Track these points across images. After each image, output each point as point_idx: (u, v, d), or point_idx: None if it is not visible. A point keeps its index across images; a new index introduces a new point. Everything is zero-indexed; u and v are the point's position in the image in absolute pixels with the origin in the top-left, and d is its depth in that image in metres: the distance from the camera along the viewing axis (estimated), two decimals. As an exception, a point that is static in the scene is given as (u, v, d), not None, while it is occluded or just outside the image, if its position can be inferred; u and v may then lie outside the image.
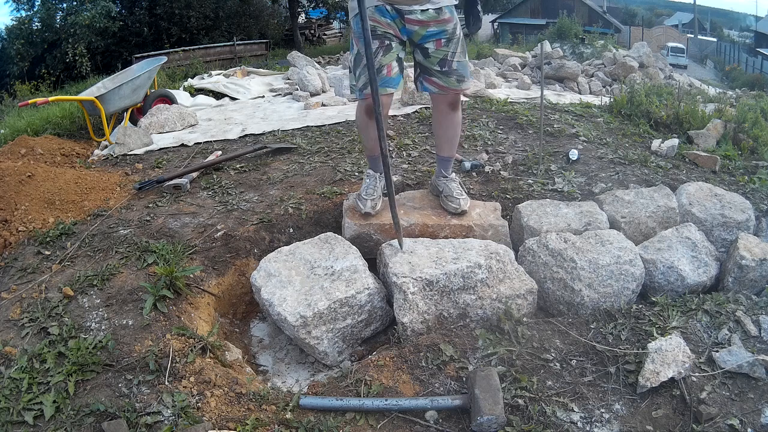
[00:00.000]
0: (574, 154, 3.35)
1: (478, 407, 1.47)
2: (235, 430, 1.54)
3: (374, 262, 2.33)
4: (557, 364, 1.73)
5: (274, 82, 7.75)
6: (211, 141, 4.44)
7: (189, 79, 8.19)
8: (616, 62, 9.72)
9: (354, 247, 2.29)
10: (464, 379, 1.68)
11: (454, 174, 2.64)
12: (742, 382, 1.62)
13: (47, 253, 2.53)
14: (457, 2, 2.32)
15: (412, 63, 2.45)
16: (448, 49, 2.28)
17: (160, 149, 4.32)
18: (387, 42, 2.22)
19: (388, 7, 2.19)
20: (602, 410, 1.56)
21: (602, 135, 4.00)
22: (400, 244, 2.18)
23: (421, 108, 4.98)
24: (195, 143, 4.40)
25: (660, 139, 3.79)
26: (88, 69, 13.44)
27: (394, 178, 3.17)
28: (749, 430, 1.47)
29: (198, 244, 2.53)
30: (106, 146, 4.53)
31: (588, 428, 1.51)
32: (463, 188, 2.60)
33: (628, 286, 2.12)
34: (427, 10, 2.19)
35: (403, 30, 2.26)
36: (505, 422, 1.49)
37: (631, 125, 4.39)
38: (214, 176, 3.44)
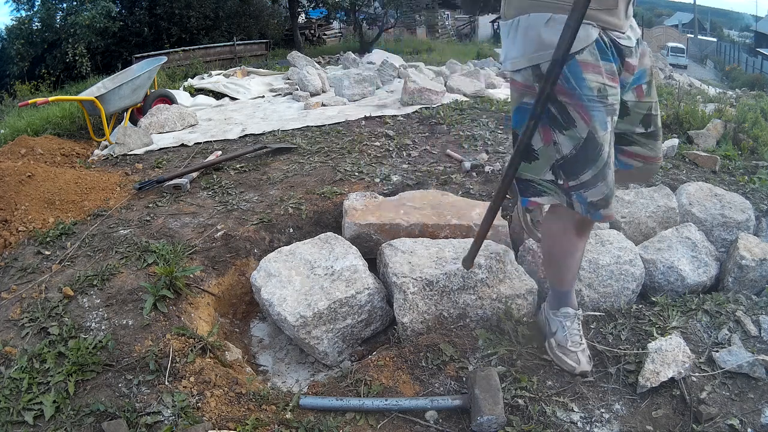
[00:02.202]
0: (574, 154, 3.34)
1: (478, 407, 1.47)
2: (235, 430, 1.54)
3: (374, 262, 2.33)
4: (557, 364, 1.73)
5: (274, 82, 7.75)
6: (211, 141, 4.44)
7: (189, 79, 8.20)
8: (616, 62, 9.70)
9: (354, 247, 2.29)
10: (464, 379, 1.68)
11: None
12: (742, 382, 1.62)
13: (47, 253, 2.53)
14: None
15: None
16: (651, 99, 1.53)
17: (160, 149, 4.32)
18: (613, 117, 1.41)
19: (605, 39, 1.36)
20: (602, 410, 1.56)
21: (602, 135, 3.99)
22: (469, 263, 1.82)
23: (421, 108, 4.98)
24: (195, 143, 4.40)
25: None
26: (88, 69, 13.42)
27: (394, 178, 3.18)
28: (749, 430, 1.46)
29: (198, 244, 2.53)
30: (106, 146, 4.53)
31: (588, 428, 1.51)
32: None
33: (628, 286, 2.12)
34: (635, 44, 1.45)
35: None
36: (505, 422, 1.49)
37: (631, 125, 4.39)
38: (214, 176, 3.44)
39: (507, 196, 2.80)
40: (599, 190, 1.41)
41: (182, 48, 12.23)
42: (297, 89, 6.66)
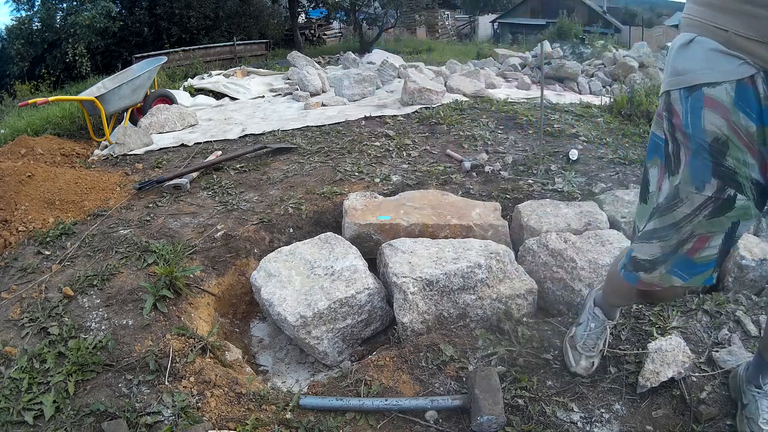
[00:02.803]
0: (574, 154, 3.35)
1: (478, 407, 1.47)
2: (235, 430, 1.54)
3: (374, 262, 2.33)
4: (557, 363, 1.73)
5: (274, 82, 7.75)
6: (211, 141, 4.44)
7: (189, 79, 8.20)
8: (616, 62, 9.73)
9: (354, 247, 2.29)
10: (464, 379, 1.68)
11: None
12: (742, 382, 1.62)
13: (47, 253, 2.53)
14: None
15: None
16: None
17: (160, 149, 4.33)
18: (729, 192, 1.05)
19: (763, 87, 0.97)
20: (602, 410, 1.56)
21: (602, 135, 4.00)
22: None
23: (421, 108, 4.98)
24: (195, 143, 4.41)
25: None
26: (88, 69, 13.41)
27: (394, 178, 3.18)
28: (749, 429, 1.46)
29: (198, 244, 2.53)
30: (106, 146, 4.53)
31: (588, 428, 1.51)
32: None
33: (628, 286, 2.11)
34: None
35: None
36: (505, 422, 1.49)
37: (631, 125, 4.40)
38: (214, 176, 3.44)
39: (507, 196, 2.76)
40: (649, 249, 1.19)
41: (182, 48, 12.21)
42: (297, 89, 6.67)
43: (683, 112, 1.06)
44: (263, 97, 6.87)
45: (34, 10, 14.98)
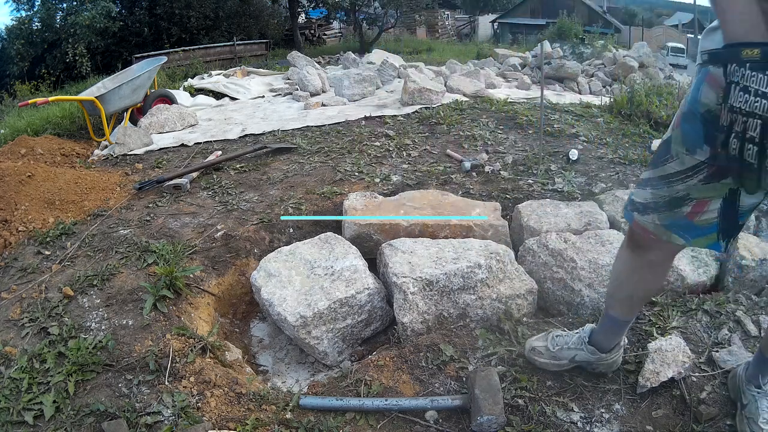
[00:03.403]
0: (574, 154, 3.35)
1: (478, 407, 1.47)
2: (235, 430, 1.54)
3: (374, 262, 2.33)
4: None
5: (274, 82, 7.75)
6: (211, 141, 4.44)
7: (189, 79, 8.20)
8: (616, 62, 9.74)
9: (354, 247, 2.29)
10: (464, 379, 1.68)
11: None
12: (742, 382, 1.62)
13: (47, 253, 2.53)
14: None
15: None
16: None
17: (160, 149, 4.33)
18: (720, 161, 1.10)
19: None
20: (602, 410, 1.56)
21: (602, 135, 4.00)
22: None
23: (421, 108, 4.98)
24: (195, 143, 4.41)
25: (660, 139, 3.79)
26: (88, 69, 13.41)
27: (394, 178, 3.18)
28: (749, 429, 1.46)
29: (198, 244, 2.53)
30: (106, 146, 4.53)
31: (588, 428, 1.51)
32: None
33: (628, 286, 2.11)
34: None
35: None
36: (505, 422, 1.49)
37: (631, 125, 4.40)
38: (214, 176, 3.44)
39: (507, 196, 2.75)
40: (642, 194, 1.30)
41: (182, 48, 12.21)
42: (297, 89, 6.67)
43: (693, 83, 1.15)
44: (263, 97, 6.87)
45: (34, 10, 14.97)
